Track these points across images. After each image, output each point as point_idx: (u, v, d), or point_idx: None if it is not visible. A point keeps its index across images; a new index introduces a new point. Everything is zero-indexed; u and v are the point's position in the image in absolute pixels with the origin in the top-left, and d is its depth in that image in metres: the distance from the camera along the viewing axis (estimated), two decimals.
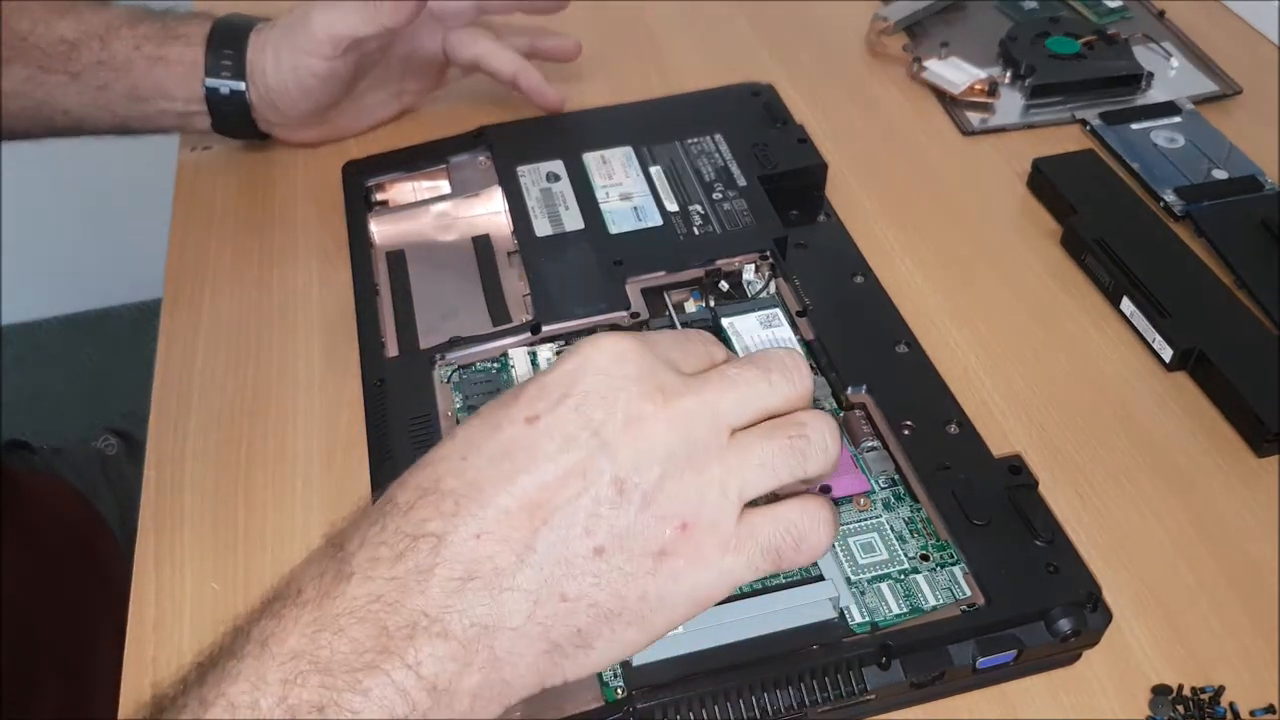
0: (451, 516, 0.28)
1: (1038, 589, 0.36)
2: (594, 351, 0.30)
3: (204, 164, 0.59)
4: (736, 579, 0.30)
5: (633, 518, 0.29)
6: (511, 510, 0.28)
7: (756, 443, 0.30)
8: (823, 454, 0.31)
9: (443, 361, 0.45)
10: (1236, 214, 0.53)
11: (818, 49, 0.67)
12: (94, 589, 0.61)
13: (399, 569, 0.28)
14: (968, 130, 0.60)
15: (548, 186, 0.52)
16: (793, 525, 0.30)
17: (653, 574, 0.29)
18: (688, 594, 0.30)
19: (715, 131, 0.54)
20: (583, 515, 0.28)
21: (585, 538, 0.28)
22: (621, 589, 0.29)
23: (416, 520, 0.28)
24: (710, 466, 0.29)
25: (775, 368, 0.31)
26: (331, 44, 0.52)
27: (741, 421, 0.30)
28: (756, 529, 0.30)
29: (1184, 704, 0.36)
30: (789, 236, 0.49)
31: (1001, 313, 0.50)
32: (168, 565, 0.41)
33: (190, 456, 0.45)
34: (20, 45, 0.53)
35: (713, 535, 0.29)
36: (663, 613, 0.30)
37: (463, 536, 0.28)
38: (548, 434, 0.29)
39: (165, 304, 0.51)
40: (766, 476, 0.30)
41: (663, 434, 0.29)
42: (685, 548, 0.29)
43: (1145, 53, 0.64)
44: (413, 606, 0.27)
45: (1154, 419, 0.45)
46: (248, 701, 0.26)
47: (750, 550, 0.30)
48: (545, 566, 0.28)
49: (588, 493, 0.28)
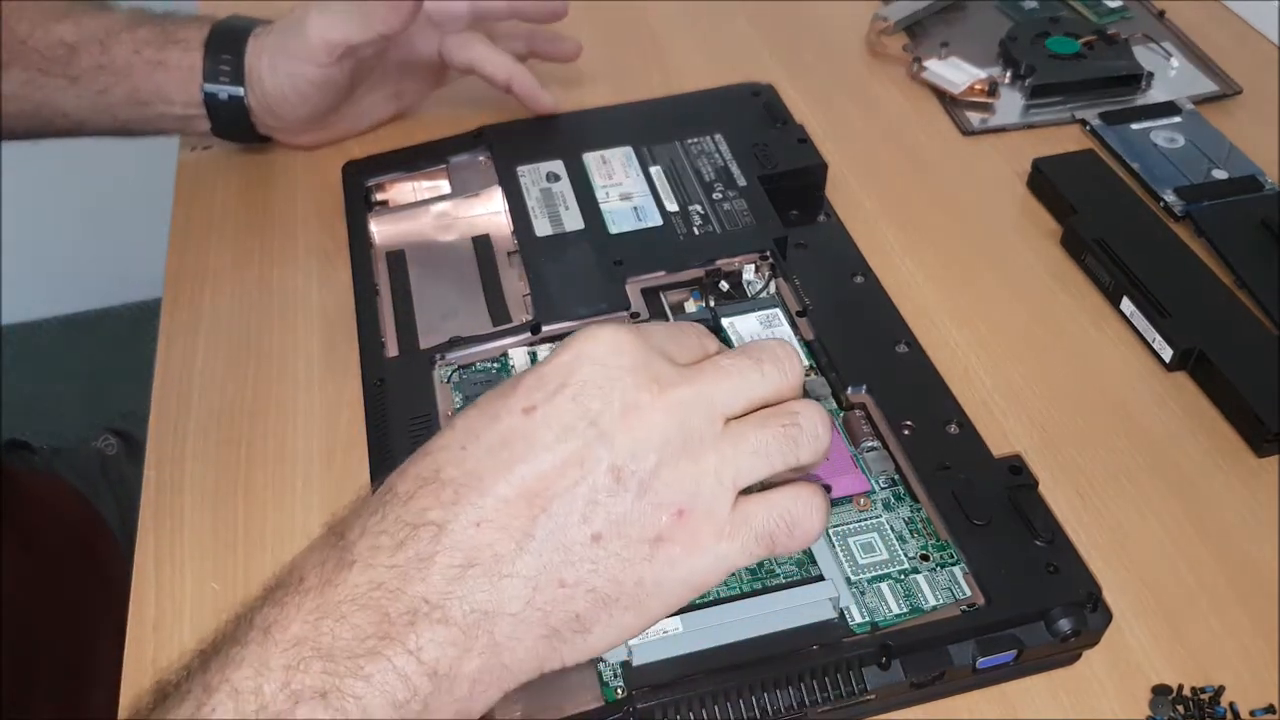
0: (451, 505, 0.29)
1: (1038, 589, 0.36)
2: (590, 342, 0.31)
3: (204, 164, 0.59)
4: (731, 564, 0.31)
5: (629, 505, 0.29)
6: (510, 499, 0.29)
7: (750, 431, 0.31)
8: (814, 442, 0.32)
9: (443, 361, 0.45)
10: (1236, 214, 0.53)
11: (818, 49, 0.67)
12: (94, 589, 0.61)
13: (400, 557, 0.28)
14: (968, 130, 0.60)
15: (548, 186, 0.52)
16: (786, 511, 0.31)
17: (649, 560, 0.30)
18: (684, 579, 0.30)
19: (715, 131, 0.54)
20: (581, 503, 0.29)
21: (583, 525, 0.29)
22: (619, 575, 0.29)
23: (417, 509, 0.29)
24: (705, 455, 0.30)
25: (767, 358, 0.32)
26: (326, 51, 0.52)
27: (735, 410, 0.31)
28: (751, 515, 0.31)
29: (1184, 704, 0.36)
30: (789, 236, 0.49)
31: (1001, 313, 0.50)
32: (168, 565, 0.41)
33: (190, 456, 0.45)
34: (19, 48, 0.53)
35: (708, 522, 0.30)
36: (659, 598, 0.30)
37: (463, 525, 0.29)
38: (545, 424, 0.29)
39: (165, 304, 0.51)
40: (760, 464, 0.31)
41: (659, 423, 0.30)
42: (681, 534, 0.30)
43: (1145, 53, 0.64)
44: (414, 593, 0.28)
45: (1154, 419, 0.45)
46: (251, 687, 0.27)
47: (745, 536, 0.31)
48: (544, 553, 0.29)
49: (585, 481, 0.29)
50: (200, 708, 0.27)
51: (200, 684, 0.27)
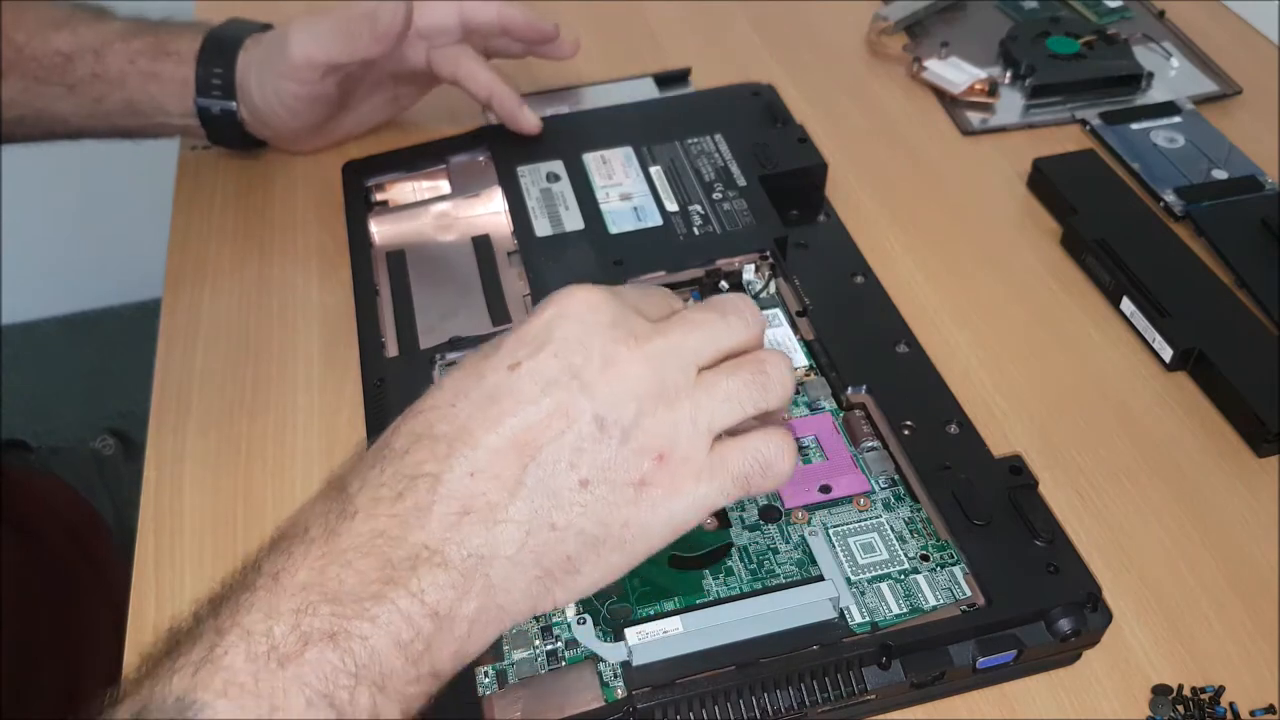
0: (446, 458, 0.30)
1: (1038, 589, 0.36)
2: (569, 300, 0.32)
3: (204, 164, 0.59)
4: (711, 504, 0.32)
5: (614, 451, 0.31)
6: (501, 449, 0.30)
7: (722, 380, 0.33)
8: (781, 388, 0.33)
9: (443, 361, 0.45)
10: (1236, 214, 0.53)
11: (818, 49, 0.67)
12: (91, 587, 0.61)
13: (399, 507, 0.30)
14: (968, 130, 0.60)
15: (548, 186, 0.52)
16: (759, 453, 0.33)
17: (634, 502, 0.31)
18: (665, 520, 0.32)
19: (715, 131, 0.54)
20: (568, 451, 0.31)
21: (571, 471, 0.31)
22: (606, 517, 0.31)
23: (413, 463, 0.31)
24: (682, 402, 0.32)
25: (730, 310, 0.34)
26: (309, 69, 0.51)
27: (706, 360, 0.33)
28: (727, 458, 0.32)
29: (1184, 704, 0.36)
30: (789, 236, 0.49)
31: (1001, 313, 0.50)
32: (168, 565, 0.41)
33: (190, 456, 0.45)
34: (17, 57, 0.53)
35: (686, 465, 0.32)
36: (643, 539, 0.32)
37: (457, 475, 0.30)
38: (530, 378, 0.31)
39: (165, 304, 0.51)
40: (733, 409, 0.33)
41: (637, 374, 0.31)
42: (662, 477, 0.31)
43: (1145, 53, 0.64)
44: (414, 540, 0.30)
45: (1154, 419, 0.45)
46: (262, 629, 0.28)
47: (722, 478, 0.32)
48: (535, 499, 0.30)
49: (571, 430, 0.31)
50: (213, 649, 0.28)
51: (212, 627, 0.28)
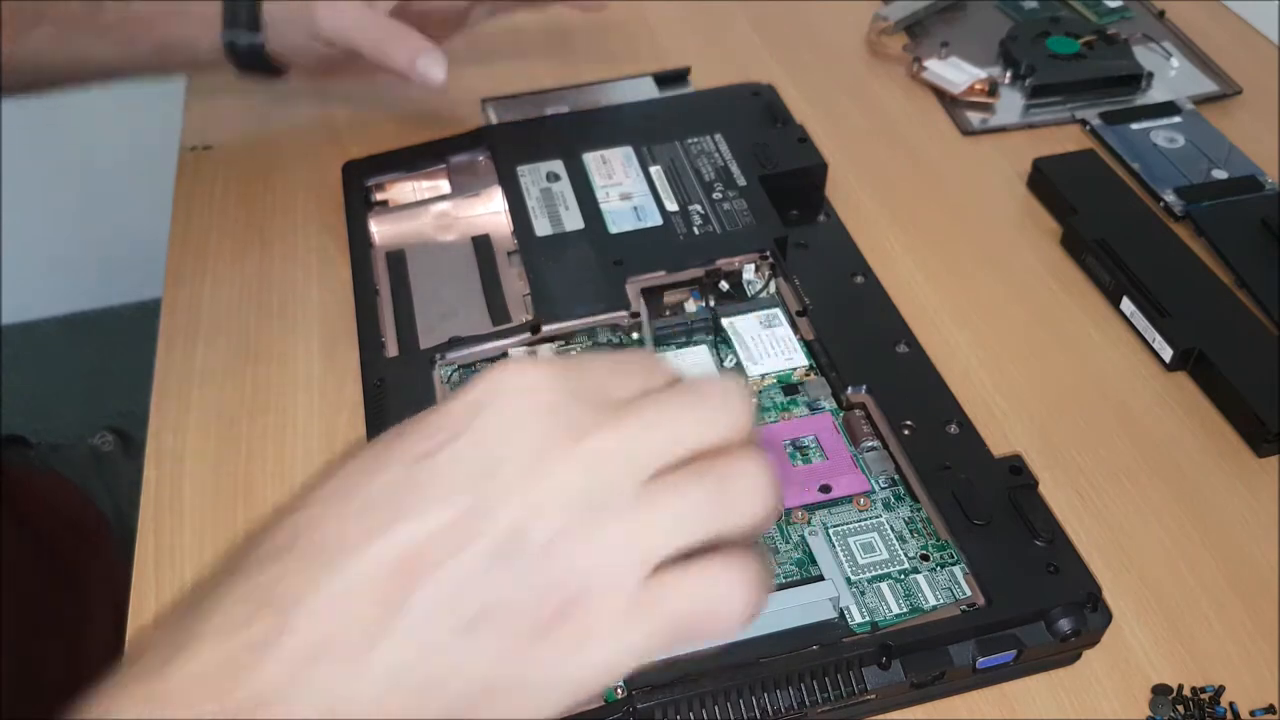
0: (310, 577, 0.24)
1: (1038, 589, 0.36)
2: (503, 377, 0.26)
3: (204, 163, 0.59)
4: (630, 660, 0.25)
5: (516, 581, 0.24)
6: (376, 573, 0.24)
7: (673, 496, 0.25)
8: (749, 507, 0.26)
9: (443, 361, 0.45)
10: (1236, 214, 0.53)
11: (818, 49, 0.67)
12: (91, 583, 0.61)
13: (245, 636, 0.24)
14: (968, 130, 0.60)
15: (548, 186, 0.52)
16: (703, 593, 0.25)
17: (530, 653, 0.24)
18: (570, 677, 0.25)
19: (715, 131, 0.54)
20: (460, 578, 0.24)
21: (458, 607, 0.24)
22: (490, 672, 0.24)
23: (270, 579, 0.25)
24: (616, 521, 0.25)
25: (710, 397, 0.27)
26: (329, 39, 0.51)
27: (664, 463, 0.26)
28: (662, 596, 0.25)
29: (1184, 704, 0.36)
30: (789, 236, 0.49)
31: (1001, 313, 0.50)
32: (168, 565, 0.41)
33: (190, 456, 0.45)
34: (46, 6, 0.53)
35: (606, 603, 0.24)
36: (535, 704, 0.25)
37: (321, 601, 0.24)
38: (436, 473, 0.25)
39: (165, 303, 0.51)
40: (681, 533, 0.25)
41: (567, 479, 0.25)
42: (574, 619, 0.24)
43: (1145, 53, 0.64)
44: (255, 686, 0.24)
45: (1154, 419, 0.45)
46: None
47: (651, 622, 0.25)
48: (407, 644, 0.24)
49: (470, 547, 0.24)
50: None
51: None
